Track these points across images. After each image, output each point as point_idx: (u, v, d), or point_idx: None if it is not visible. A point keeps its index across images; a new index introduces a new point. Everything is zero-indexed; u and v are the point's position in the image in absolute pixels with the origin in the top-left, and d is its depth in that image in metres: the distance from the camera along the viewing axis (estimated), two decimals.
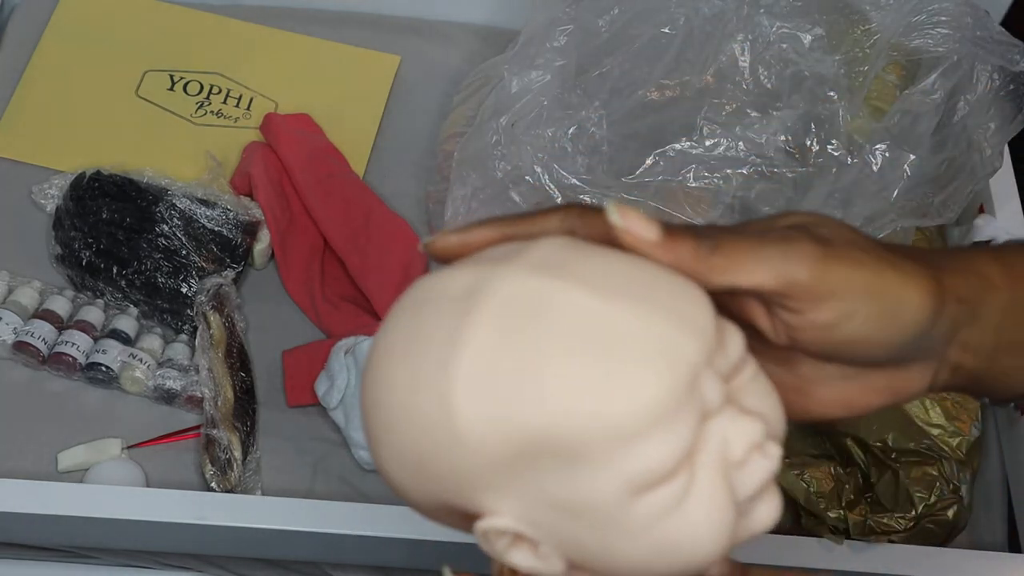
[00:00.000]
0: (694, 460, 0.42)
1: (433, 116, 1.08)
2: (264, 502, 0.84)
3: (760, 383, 0.45)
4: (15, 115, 1.05)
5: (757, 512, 0.44)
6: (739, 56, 0.92)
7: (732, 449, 0.43)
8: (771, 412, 0.45)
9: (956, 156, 0.91)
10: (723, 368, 0.44)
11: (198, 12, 1.13)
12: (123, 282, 0.95)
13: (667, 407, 0.41)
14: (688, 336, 0.42)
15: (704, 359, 0.42)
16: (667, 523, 0.42)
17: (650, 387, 0.41)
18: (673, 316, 0.42)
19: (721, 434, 0.43)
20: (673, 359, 0.42)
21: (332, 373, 0.91)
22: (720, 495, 0.43)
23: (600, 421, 0.40)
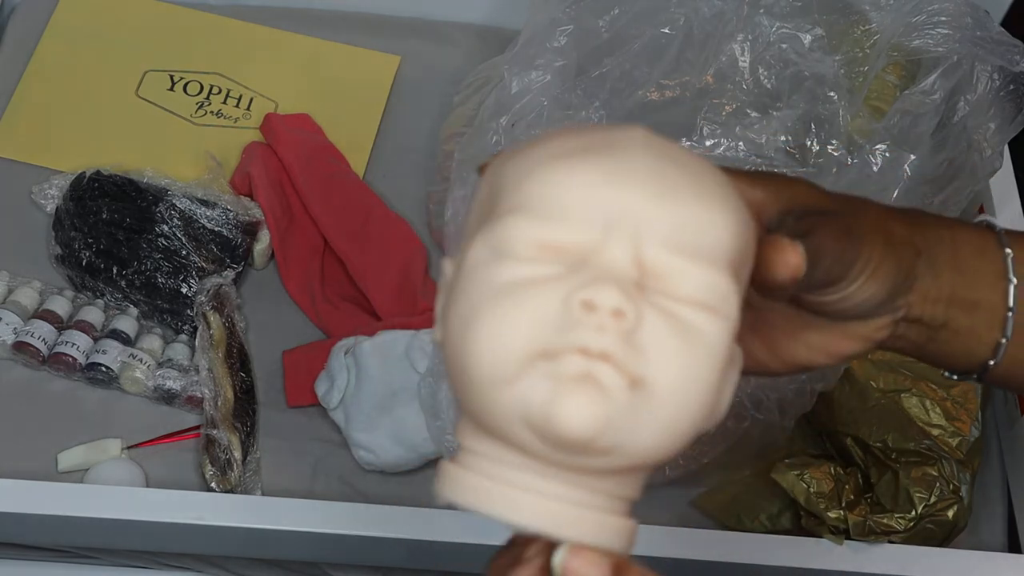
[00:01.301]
0: (550, 278, 0.42)
1: (433, 116, 1.08)
2: (264, 502, 0.84)
3: (686, 342, 0.43)
4: (15, 115, 1.05)
5: (560, 399, 0.41)
6: (739, 56, 0.92)
7: (572, 296, 0.42)
8: (662, 359, 0.42)
9: (956, 156, 0.91)
10: (659, 269, 0.43)
11: (198, 12, 1.13)
12: (123, 282, 0.95)
13: (567, 205, 0.42)
14: (647, 190, 0.43)
15: (634, 217, 0.42)
16: (482, 299, 0.42)
17: (568, 181, 0.43)
18: (663, 180, 0.43)
19: (585, 278, 0.42)
20: (612, 186, 0.43)
21: (332, 373, 0.91)
22: (523, 307, 0.42)
23: (519, 177, 0.44)
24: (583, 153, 0.44)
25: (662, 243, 0.43)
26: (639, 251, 0.42)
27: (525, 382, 0.41)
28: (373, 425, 0.89)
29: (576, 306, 0.41)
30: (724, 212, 0.44)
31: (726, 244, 0.44)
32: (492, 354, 0.42)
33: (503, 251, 0.43)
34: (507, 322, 0.42)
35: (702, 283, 0.43)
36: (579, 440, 0.41)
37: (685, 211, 0.43)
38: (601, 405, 0.41)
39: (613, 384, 0.41)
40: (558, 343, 0.41)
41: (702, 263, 0.43)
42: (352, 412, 0.90)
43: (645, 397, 0.42)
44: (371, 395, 0.90)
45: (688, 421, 0.43)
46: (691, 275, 0.43)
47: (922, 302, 0.52)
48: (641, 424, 0.42)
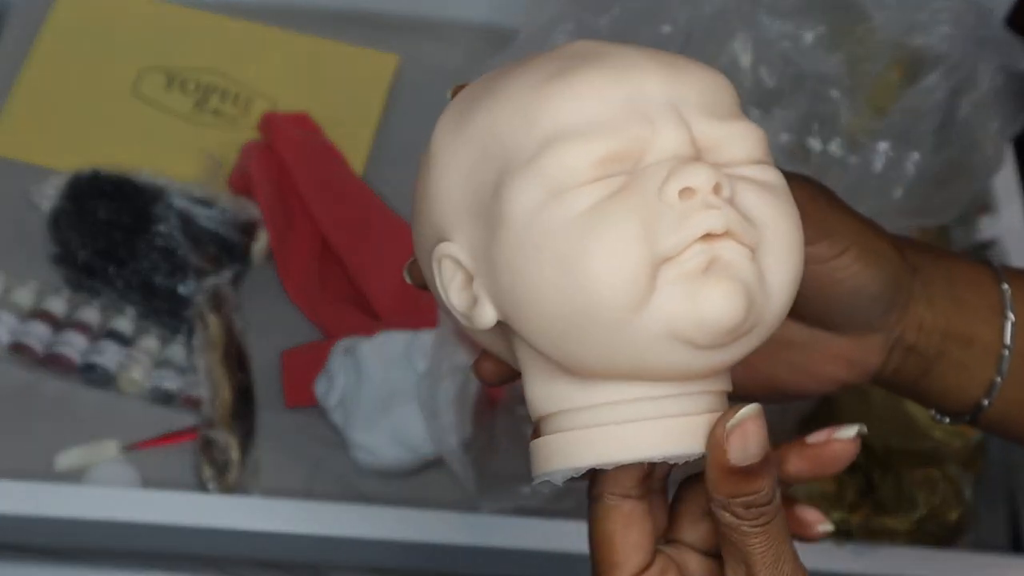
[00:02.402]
0: (624, 187, 0.41)
1: (433, 116, 1.07)
2: (262, 503, 0.84)
3: (773, 196, 0.42)
4: (12, 114, 1.05)
5: (704, 295, 0.40)
6: (740, 55, 0.91)
7: (667, 190, 0.40)
8: (767, 218, 0.42)
9: (958, 155, 0.91)
10: (711, 140, 0.42)
11: (195, 11, 1.12)
12: (120, 282, 0.95)
13: (596, 115, 0.41)
14: (660, 71, 0.42)
15: (667, 99, 0.41)
16: (573, 236, 0.40)
17: (581, 93, 0.41)
18: (663, 60, 0.42)
19: (664, 170, 0.40)
20: (626, 80, 0.41)
21: (331, 374, 0.91)
22: (625, 224, 0.40)
23: (525, 116, 0.41)
24: (572, 69, 0.42)
25: (699, 113, 0.42)
26: (688, 128, 0.41)
27: (660, 296, 0.40)
28: (372, 426, 0.89)
29: (674, 199, 0.40)
30: (708, 65, 0.44)
31: (733, 93, 0.43)
32: (615, 282, 0.39)
33: (561, 185, 0.40)
34: (616, 244, 0.39)
35: (746, 138, 0.42)
36: (734, 324, 0.40)
37: (697, 79, 0.42)
38: (739, 282, 0.40)
39: (740, 257, 0.40)
40: (676, 241, 0.40)
41: (736, 120, 0.42)
42: (351, 413, 0.90)
43: (767, 259, 0.41)
44: (370, 396, 0.89)
45: (799, 264, 0.42)
46: (735, 135, 0.42)
47: (916, 330, 0.51)
48: (771, 286, 0.41)
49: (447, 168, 0.44)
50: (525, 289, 0.40)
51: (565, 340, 0.41)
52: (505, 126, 0.42)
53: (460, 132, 0.44)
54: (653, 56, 0.43)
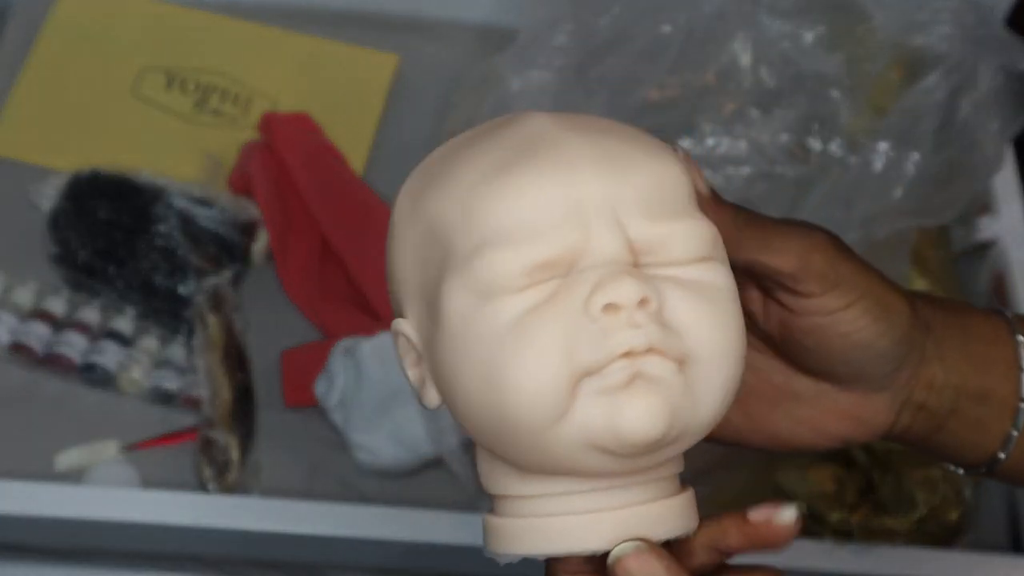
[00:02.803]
0: (551, 297, 0.40)
1: (432, 116, 1.08)
2: (262, 504, 0.84)
3: (709, 301, 0.41)
4: (12, 114, 1.05)
5: (623, 411, 0.39)
6: (740, 55, 0.91)
7: (591, 304, 0.40)
8: (696, 328, 0.41)
9: (958, 155, 0.91)
10: (649, 242, 0.41)
11: (195, 11, 1.12)
12: (120, 282, 0.95)
13: (530, 219, 0.40)
14: (600, 170, 0.41)
15: (604, 202, 0.41)
16: (496, 348, 0.40)
17: (517, 195, 0.41)
18: (608, 155, 0.42)
19: (592, 282, 0.40)
20: (564, 181, 0.41)
21: (331, 373, 0.91)
22: (546, 339, 0.39)
23: (463, 212, 0.41)
24: (512, 165, 0.41)
25: (639, 215, 0.41)
26: (624, 233, 0.41)
27: (579, 409, 0.40)
28: (372, 426, 0.89)
29: (597, 314, 0.40)
30: (661, 156, 0.43)
31: (683, 186, 0.43)
32: (534, 396, 0.40)
33: (491, 291, 0.40)
34: (536, 358, 0.40)
35: (689, 237, 0.42)
36: (653, 439, 0.40)
37: (639, 173, 0.42)
38: (661, 397, 0.40)
39: (664, 372, 0.40)
40: (598, 358, 0.40)
41: (678, 218, 0.42)
42: (351, 413, 0.90)
43: (695, 370, 0.41)
44: (370, 396, 0.89)
45: (736, 371, 0.42)
46: (677, 235, 0.42)
47: (928, 388, 0.50)
48: (700, 397, 0.41)
49: (403, 242, 0.44)
50: (457, 389, 0.41)
51: (494, 440, 0.42)
52: (447, 218, 0.42)
53: (413, 210, 0.44)
54: (598, 151, 0.42)
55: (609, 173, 0.41)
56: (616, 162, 0.42)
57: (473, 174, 0.42)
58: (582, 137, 0.42)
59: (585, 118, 0.44)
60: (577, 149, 0.41)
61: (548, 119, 0.43)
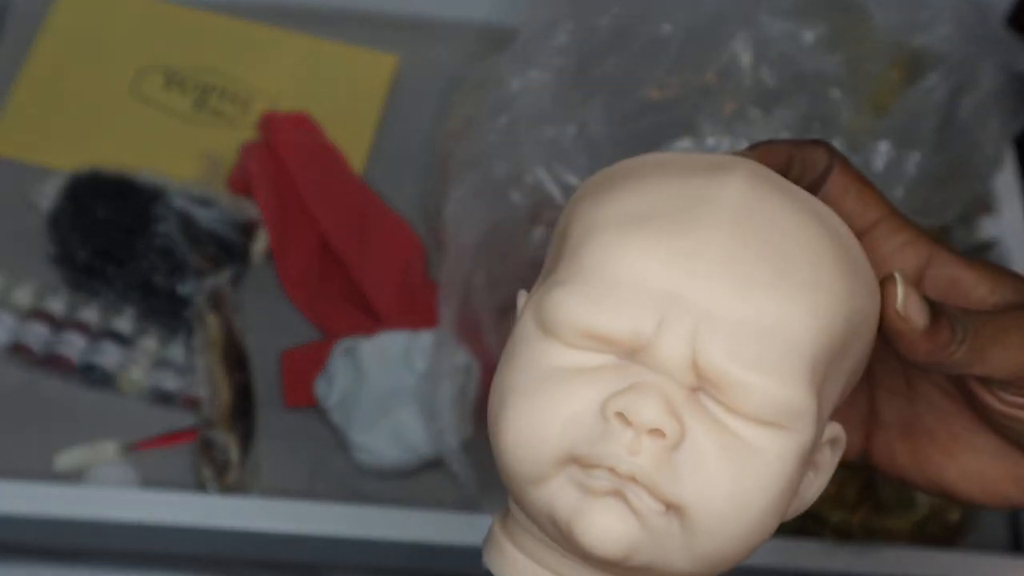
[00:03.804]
0: (589, 372, 0.38)
1: (433, 116, 1.08)
2: (262, 504, 0.84)
3: (740, 460, 0.38)
4: (12, 114, 1.05)
5: (586, 515, 0.38)
6: (741, 55, 0.91)
7: (609, 405, 0.37)
8: (705, 483, 0.37)
9: (958, 155, 0.91)
10: (717, 378, 0.38)
11: (195, 11, 1.12)
12: (120, 282, 0.95)
13: (618, 288, 0.38)
14: (722, 281, 0.38)
15: (698, 313, 0.37)
16: (520, 383, 0.39)
17: (630, 257, 0.38)
18: (750, 272, 0.38)
19: (626, 383, 0.38)
20: (680, 269, 0.38)
21: (331, 374, 0.90)
22: (562, 406, 0.38)
23: (583, 239, 0.40)
24: (655, 222, 0.38)
25: (724, 350, 0.37)
26: (696, 354, 0.37)
27: (554, 484, 0.38)
28: (372, 426, 0.89)
29: (611, 416, 0.37)
30: (813, 306, 0.38)
31: (808, 348, 0.38)
32: (523, 450, 0.38)
33: (549, 330, 0.39)
34: (542, 420, 0.38)
35: (769, 400, 0.37)
36: (604, 559, 0.38)
37: (758, 311, 0.37)
38: (630, 527, 0.37)
39: (645, 508, 0.37)
40: (589, 453, 0.38)
41: (771, 376, 0.37)
42: (351, 413, 0.89)
43: (684, 523, 0.37)
44: (370, 396, 0.89)
45: (732, 549, 0.38)
46: (755, 390, 0.37)
47: None
48: (678, 550, 0.38)
49: (559, 219, 0.43)
50: (496, 385, 0.40)
51: (495, 455, 0.41)
52: (574, 228, 0.40)
53: (575, 200, 0.42)
54: (736, 255, 0.38)
55: (730, 290, 0.38)
56: (741, 280, 0.38)
57: (625, 205, 0.39)
58: (735, 227, 0.38)
59: (781, 206, 0.39)
60: (727, 246, 0.38)
61: (747, 193, 0.39)
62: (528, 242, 0.91)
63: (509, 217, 0.90)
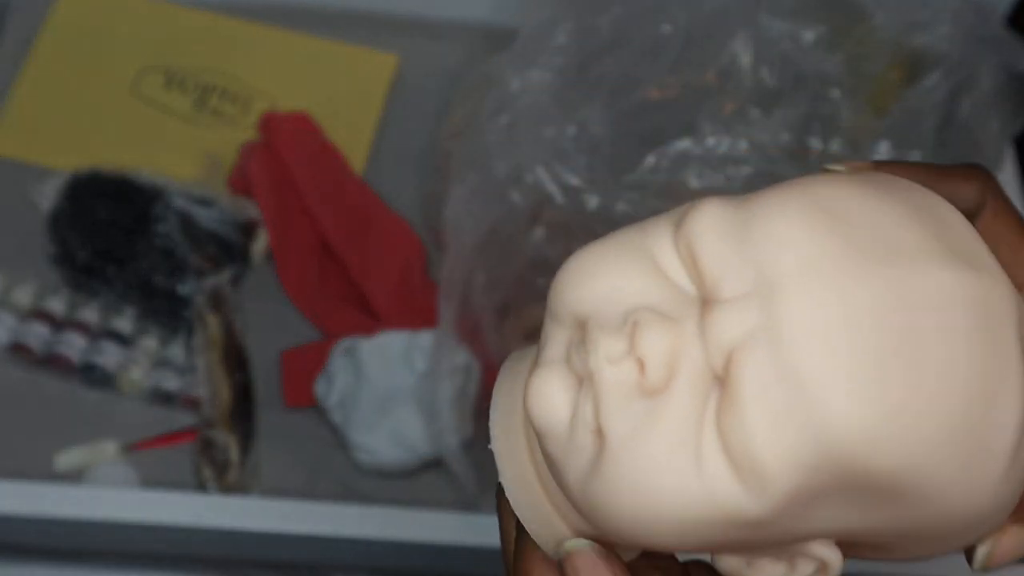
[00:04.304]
0: (660, 278, 0.36)
1: (433, 116, 1.08)
2: (262, 504, 0.84)
3: (663, 446, 0.35)
4: (12, 114, 1.05)
5: (544, 370, 0.37)
6: (741, 55, 0.91)
7: (637, 312, 0.35)
8: (623, 442, 0.34)
9: (958, 155, 0.91)
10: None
11: (195, 11, 1.12)
12: (120, 282, 0.95)
13: (751, 246, 0.34)
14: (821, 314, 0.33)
15: (787, 320, 0.33)
16: (624, 237, 0.37)
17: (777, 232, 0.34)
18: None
19: (677, 316, 0.35)
20: (790, 271, 0.34)
21: (331, 374, 0.90)
22: (616, 268, 0.36)
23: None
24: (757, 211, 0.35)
25: (760, 371, 0.33)
26: (739, 350, 0.34)
27: (559, 331, 0.37)
28: (372, 426, 0.89)
29: (628, 319, 0.35)
30: (881, 427, 0.33)
31: (831, 444, 0.33)
32: (569, 282, 0.37)
33: (678, 225, 0.36)
34: (603, 270, 0.36)
35: (747, 444, 0.33)
36: (528, 416, 0.36)
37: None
38: (560, 410, 0.36)
39: (583, 412, 0.35)
40: (590, 331, 0.36)
41: (770, 428, 0.33)
42: (351, 413, 0.89)
43: (598, 458, 0.35)
44: (370, 396, 0.89)
45: (621, 527, 0.35)
46: (746, 424, 0.33)
47: None
48: (581, 472, 0.35)
49: None
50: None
51: None
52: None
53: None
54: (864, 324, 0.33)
55: (823, 337, 0.33)
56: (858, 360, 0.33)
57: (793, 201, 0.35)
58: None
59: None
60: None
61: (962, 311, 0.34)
62: (528, 242, 0.91)
63: (509, 217, 0.90)
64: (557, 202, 0.89)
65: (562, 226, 0.90)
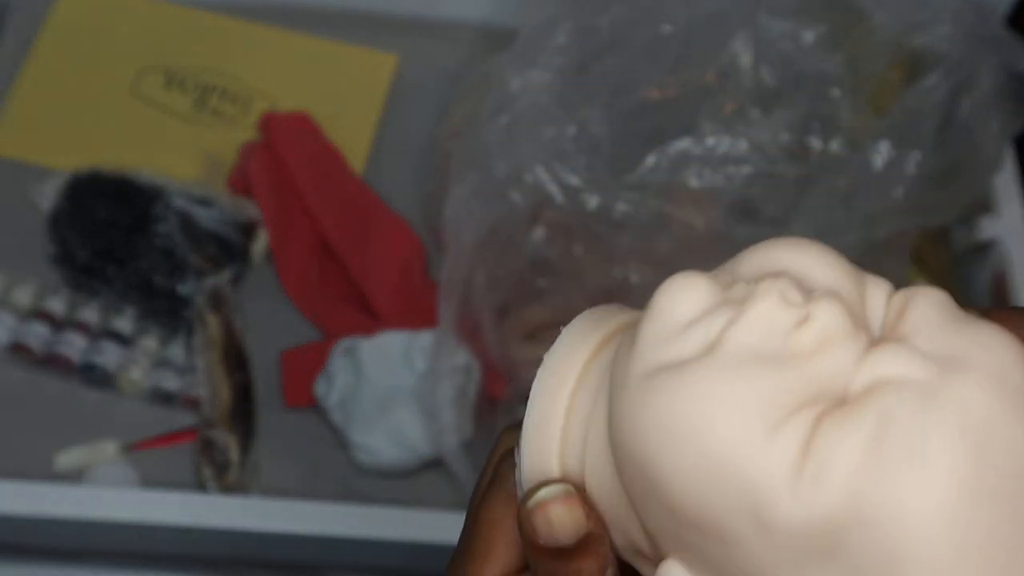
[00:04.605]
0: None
1: (433, 116, 1.08)
2: (262, 504, 0.84)
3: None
4: (12, 114, 1.05)
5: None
6: (741, 55, 0.91)
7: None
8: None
9: (958, 155, 0.91)
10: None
11: (195, 11, 1.12)
12: (120, 282, 0.95)
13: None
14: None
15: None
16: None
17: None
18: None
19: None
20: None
21: (331, 374, 0.90)
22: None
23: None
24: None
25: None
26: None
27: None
28: (372, 426, 0.89)
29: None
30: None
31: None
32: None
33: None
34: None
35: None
36: (654, 300, 0.36)
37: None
38: (693, 294, 0.35)
39: (719, 317, 0.35)
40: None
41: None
42: (351, 413, 0.89)
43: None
44: (370, 396, 0.89)
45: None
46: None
47: None
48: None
49: None
50: None
51: None
52: None
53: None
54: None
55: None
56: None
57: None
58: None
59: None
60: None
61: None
62: (528, 242, 0.91)
63: (509, 217, 0.90)
64: (557, 202, 0.89)
65: (562, 226, 0.90)
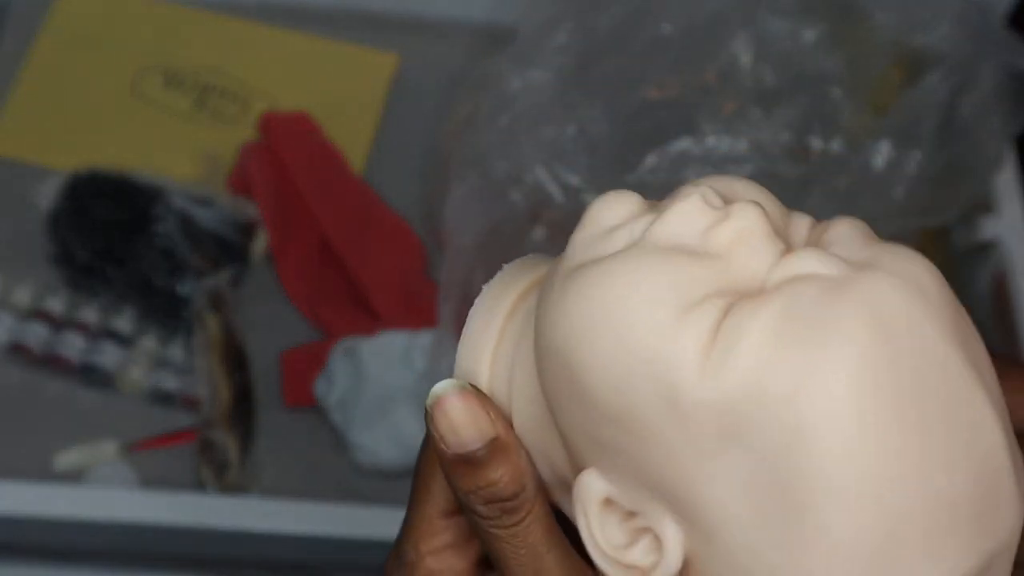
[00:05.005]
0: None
1: (433, 116, 1.08)
2: (261, 504, 0.84)
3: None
4: (11, 114, 1.05)
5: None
6: (741, 54, 0.91)
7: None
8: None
9: (959, 155, 0.91)
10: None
11: (195, 11, 1.12)
12: (119, 282, 0.95)
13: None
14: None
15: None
16: None
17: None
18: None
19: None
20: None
21: (331, 374, 0.90)
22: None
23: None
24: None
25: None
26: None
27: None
28: (372, 426, 0.89)
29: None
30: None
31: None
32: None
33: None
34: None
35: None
36: (588, 210, 0.42)
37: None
38: (621, 204, 0.40)
39: (642, 220, 0.39)
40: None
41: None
42: (351, 413, 0.89)
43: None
44: (370, 396, 0.89)
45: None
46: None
47: None
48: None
49: None
50: None
51: None
52: None
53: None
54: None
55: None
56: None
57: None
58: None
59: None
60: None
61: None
62: (528, 242, 0.91)
63: (509, 217, 0.90)
64: (557, 202, 0.89)
65: (562, 226, 0.90)
